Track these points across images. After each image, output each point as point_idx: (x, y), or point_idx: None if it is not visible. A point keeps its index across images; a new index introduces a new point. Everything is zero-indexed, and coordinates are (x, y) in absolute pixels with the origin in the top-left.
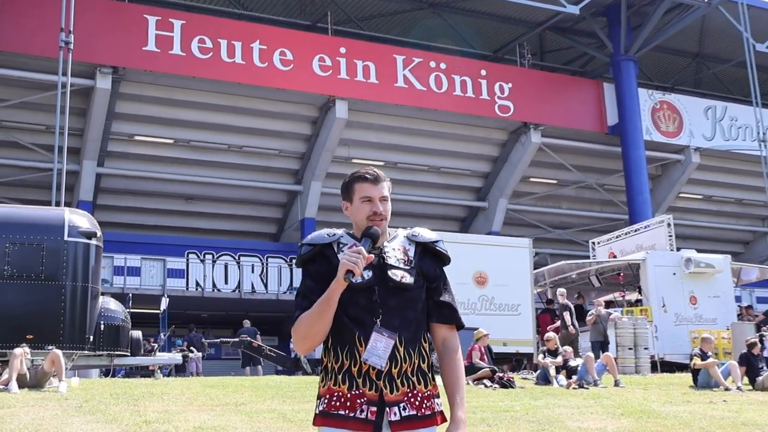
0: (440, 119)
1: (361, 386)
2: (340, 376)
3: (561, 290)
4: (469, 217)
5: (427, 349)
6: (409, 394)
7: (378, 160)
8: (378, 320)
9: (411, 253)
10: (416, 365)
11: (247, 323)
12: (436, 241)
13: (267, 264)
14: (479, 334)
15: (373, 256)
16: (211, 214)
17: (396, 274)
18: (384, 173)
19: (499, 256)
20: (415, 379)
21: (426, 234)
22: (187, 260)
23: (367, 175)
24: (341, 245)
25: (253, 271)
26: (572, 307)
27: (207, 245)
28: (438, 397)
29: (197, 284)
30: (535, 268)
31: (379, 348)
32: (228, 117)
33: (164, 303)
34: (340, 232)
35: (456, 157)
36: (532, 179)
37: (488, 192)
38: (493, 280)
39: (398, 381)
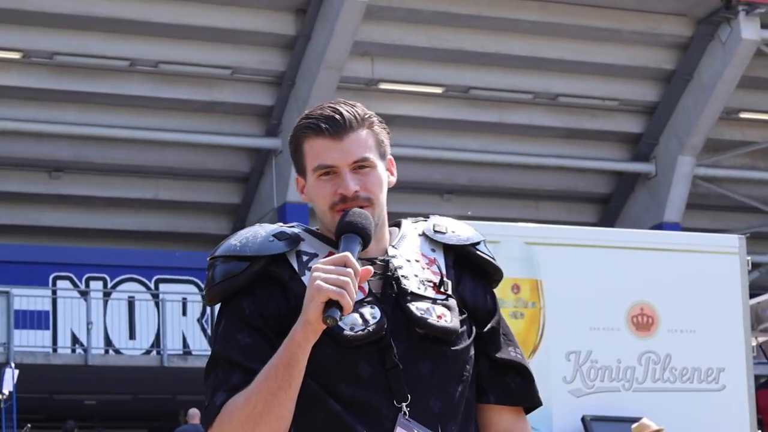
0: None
1: None
2: None
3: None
4: (619, 195)
5: None
6: None
7: (429, 84)
8: (405, 405)
9: (440, 266)
10: None
11: (194, 416)
12: (478, 243)
13: None
14: (643, 429)
15: (371, 268)
16: (102, 200)
17: (425, 310)
18: (363, 110)
19: (680, 274)
20: None
21: (459, 230)
22: (55, 293)
23: (320, 123)
24: (303, 255)
25: (185, 313)
26: None
27: (93, 262)
28: None
29: (74, 340)
30: (753, 295)
31: None
32: (130, 4)
33: (8, 379)
34: (296, 228)
35: (590, 74)
36: (743, 115)
37: (656, 143)
38: (669, 322)
39: None
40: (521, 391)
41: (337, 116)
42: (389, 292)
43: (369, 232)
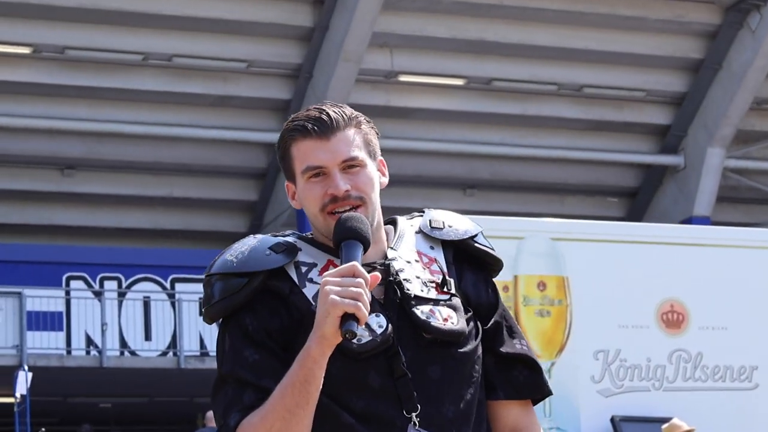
0: None
1: None
2: None
3: None
4: (646, 189)
5: None
6: None
7: (450, 76)
8: (414, 415)
9: (441, 264)
10: None
11: (211, 419)
12: (476, 235)
13: None
14: (674, 430)
15: (379, 275)
16: (115, 198)
17: (431, 314)
18: (350, 111)
19: (711, 269)
20: None
21: (456, 223)
22: (68, 293)
23: (306, 124)
24: (302, 266)
25: (201, 313)
26: None
27: (108, 262)
28: None
29: (89, 342)
30: None
31: None
32: None
33: (22, 382)
34: (290, 237)
35: (616, 64)
36: None
37: (684, 135)
38: (700, 319)
39: None
40: (530, 384)
41: (324, 116)
42: (392, 297)
43: (368, 235)
